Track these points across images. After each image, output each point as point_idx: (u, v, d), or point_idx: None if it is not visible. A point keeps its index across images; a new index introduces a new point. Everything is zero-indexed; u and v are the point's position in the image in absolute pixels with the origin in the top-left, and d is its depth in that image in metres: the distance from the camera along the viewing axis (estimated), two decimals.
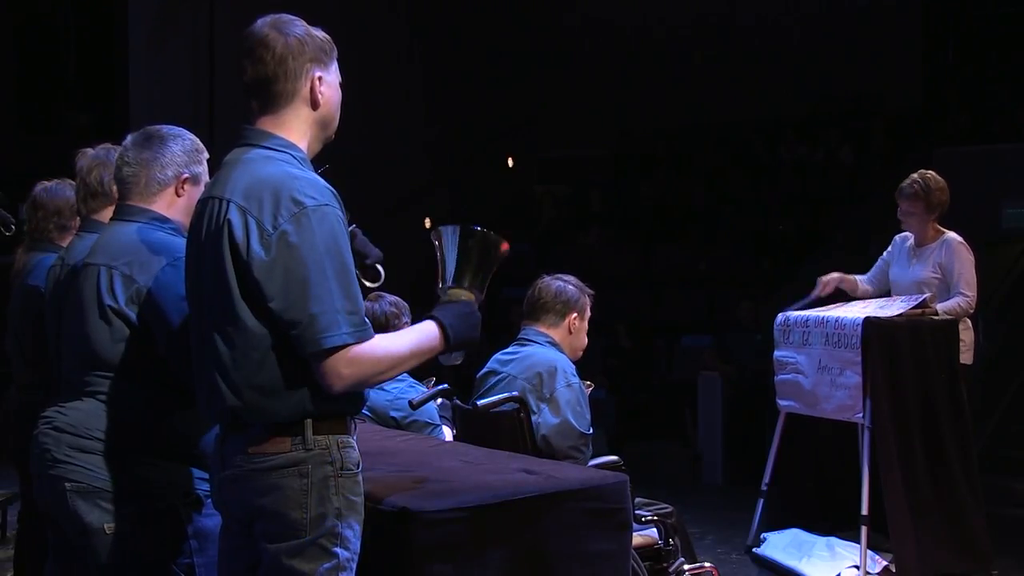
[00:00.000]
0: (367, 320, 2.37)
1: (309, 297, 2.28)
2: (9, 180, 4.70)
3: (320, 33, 2.53)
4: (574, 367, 4.17)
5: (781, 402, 5.82)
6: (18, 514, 4.69)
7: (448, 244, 2.57)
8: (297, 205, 2.31)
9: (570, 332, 4.21)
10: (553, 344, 4.18)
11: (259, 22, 2.48)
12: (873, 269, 5.99)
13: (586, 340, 4.30)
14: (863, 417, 5.22)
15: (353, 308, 2.33)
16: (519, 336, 4.25)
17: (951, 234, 5.68)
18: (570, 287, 4.23)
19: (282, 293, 2.30)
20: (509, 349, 4.24)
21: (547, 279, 4.27)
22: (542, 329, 4.21)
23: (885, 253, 5.96)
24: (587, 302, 4.26)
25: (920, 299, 5.42)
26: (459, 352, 2.55)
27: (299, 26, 2.49)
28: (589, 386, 4.25)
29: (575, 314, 4.21)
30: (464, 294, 2.54)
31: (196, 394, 2.50)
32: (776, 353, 5.83)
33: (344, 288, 2.32)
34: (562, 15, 14.65)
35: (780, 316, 5.88)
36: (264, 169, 2.39)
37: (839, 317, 5.46)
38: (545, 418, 3.94)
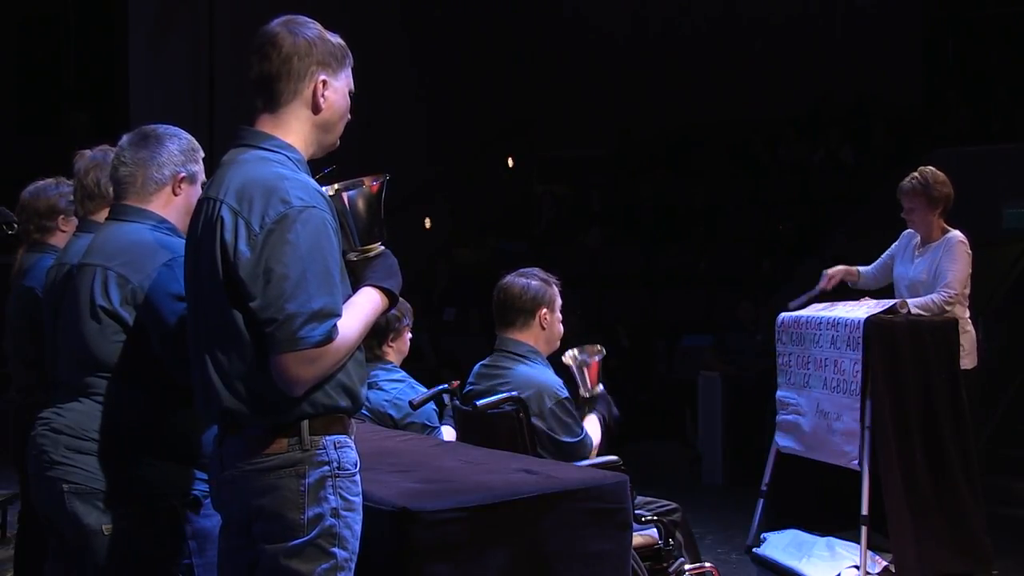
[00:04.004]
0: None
1: (286, 296, 2.28)
2: (9, 180, 4.69)
3: (336, 39, 2.51)
4: (553, 375, 4.01)
5: (780, 441, 5.82)
6: (18, 514, 4.70)
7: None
8: (284, 205, 2.31)
9: (543, 328, 4.03)
10: (532, 353, 4.01)
11: (274, 21, 2.48)
12: (877, 262, 5.90)
13: (561, 329, 4.11)
14: (859, 464, 5.21)
15: (331, 311, 2.32)
16: (496, 347, 4.08)
17: (954, 232, 5.56)
18: (533, 282, 4.02)
19: (262, 292, 2.30)
20: (489, 361, 4.08)
21: (509, 278, 4.07)
22: (516, 336, 4.03)
23: (892, 247, 5.84)
24: (555, 292, 4.05)
25: (890, 304, 5.39)
26: None
27: (312, 28, 2.48)
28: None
29: (544, 309, 4.01)
30: (374, 248, 2.60)
31: (194, 394, 2.49)
32: (778, 393, 5.84)
33: (323, 290, 2.31)
34: (562, 15, 14.66)
35: (780, 316, 5.89)
36: (257, 170, 2.39)
37: (839, 317, 5.45)
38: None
